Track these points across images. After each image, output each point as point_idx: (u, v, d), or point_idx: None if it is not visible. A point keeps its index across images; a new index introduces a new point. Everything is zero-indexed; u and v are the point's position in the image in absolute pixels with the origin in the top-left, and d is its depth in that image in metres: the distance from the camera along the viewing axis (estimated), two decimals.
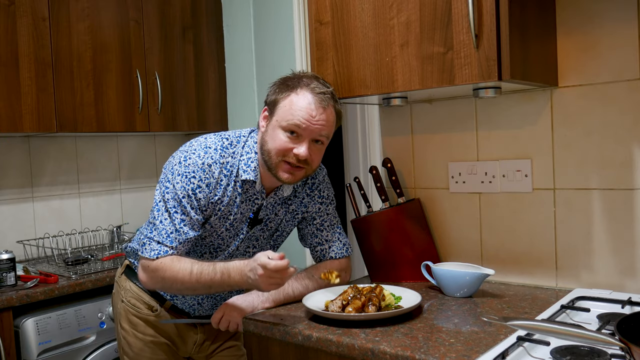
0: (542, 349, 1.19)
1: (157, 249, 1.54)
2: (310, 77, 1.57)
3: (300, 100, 1.51)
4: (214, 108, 3.07)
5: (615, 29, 1.56)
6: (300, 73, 1.60)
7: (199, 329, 1.79)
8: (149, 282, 1.59)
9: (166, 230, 1.54)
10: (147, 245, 1.56)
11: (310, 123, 1.49)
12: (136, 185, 3.14)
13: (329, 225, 1.71)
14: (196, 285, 1.51)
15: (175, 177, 1.55)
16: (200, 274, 1.49)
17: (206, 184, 1.55)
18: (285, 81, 1.57)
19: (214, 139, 1.60)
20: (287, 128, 1.50)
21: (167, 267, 1.52)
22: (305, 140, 1.51)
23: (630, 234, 1.58)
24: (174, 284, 1.53)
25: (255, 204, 1.63)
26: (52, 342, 2.13)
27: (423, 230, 1.89)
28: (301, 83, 1.53)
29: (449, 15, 1.47)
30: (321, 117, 1.51)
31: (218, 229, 1.62)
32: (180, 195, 1.54)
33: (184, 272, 1.50)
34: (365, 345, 1.27)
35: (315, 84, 1.53)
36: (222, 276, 1.48)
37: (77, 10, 2.51)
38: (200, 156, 1.55)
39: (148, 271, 1.57)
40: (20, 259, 2.56)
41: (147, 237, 1.57)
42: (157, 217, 1.56)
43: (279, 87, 1.56)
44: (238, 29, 3.02)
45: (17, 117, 2.32)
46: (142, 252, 1.57)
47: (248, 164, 1.59)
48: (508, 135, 1.76)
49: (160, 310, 1.74)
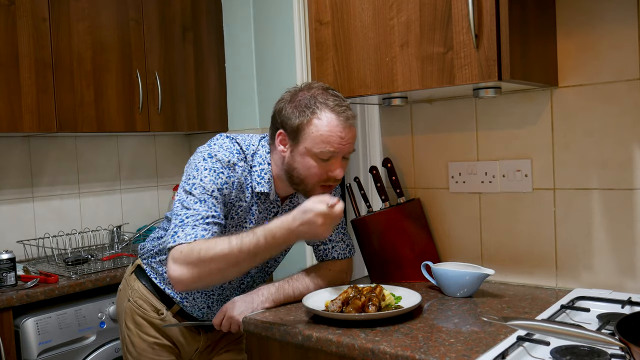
0: (542, 349, 1.19)
1: (193, 233, 1.42)
2: (322, 91, 1.52)
3: (325, 125, 1.47)
4: (214, 108, 3.07)
5: (615, 29, 1.56)
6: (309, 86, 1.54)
7: (202, 336, 1.78)
8: (185, 273, 1.40)
9: (201, 215, 1.45)
10: (181, 232, 1.44)
11: (342, 146, 1.49)
12: (136, 185, 3.14)
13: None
14: (239, 257, 1.39)
15: (201, 172, 1.50)
16: (240, 243, 1.39)
17: (232, 181, 1.53)
18: (297, 100, 1.51)
19: (229, 143, 1.57)
20: (321, 156, 1.48)
21: (203, 246, 1.39)
22: (338, 161, 1.51)
23: (630, 233, 1.58)
24: (212, 262, 1.38)
25: (271, 212, 1.63)
26: (52, 342, 2.13)
27: (423, 230, 1.89)
28: (317, 102, 1.49)
29: (449, 15, 1.47)
30: (349, 137, 1.50)
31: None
32: (209, 189, 1.48)
33: (222, 245, 1.39)
34: (365, 345, 1.27)
35: (331, 99, 1.49)
36: (266, 240, 1.39)
37: (77, 10, 2.51)
38: (226, 155, 1.53)
39: (182, 258, 1.40)
40: (21, 259, 2.56)
41: (179, 225, 1.45)
42: (189, 207, 1.46)
43: (296, 110, 1.50)
44: (238, 29, 3.02)
45: (17, 117, 2.32)
46: (175, 240, 1.43)
47: (262, 175, 1.57)
48: (508, 135, 1.76)
49: (167, 314, 1.73)
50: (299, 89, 1.55)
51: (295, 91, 1.55)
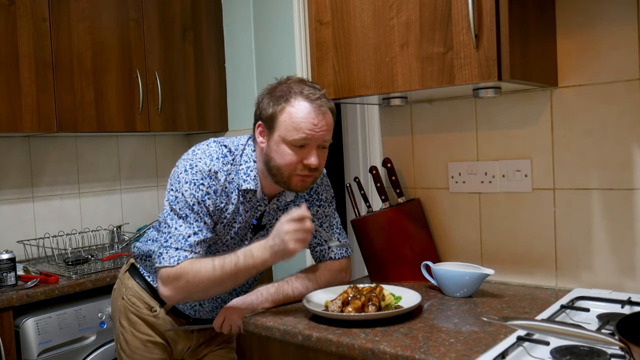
0: (542, 348, 1.19)
1: (176, 255, 1.49)
2: (297, 81, 1.53)
3: (298, 111, 1.48)
4: (214, 108, 3.07)
5: (615, 29, 1.56)
6: (286, 79, 1.56)
7: (195, 334, 1.79)
8: (174, 293, 1.50)
9: (183, 235, 1.51)
10: (165, 254, 1.51)
11: (314, 132, 1.48)
12: (136, 185, 3.14)
13: (328, 227, 1.71)
14: (222, 277, 1.46)
15: (182, 185, 1.53)
16: (222, 265, 1.45)
17: (214, 190, 1.54)
18: (273, 92, 1.53)
19: (215, 147, 1.58)
20: (294, 143, 1.48)
21: (189, 270, 1.47)
22: (312, 149, 1.50)
23: (630, 234, 1.58)
24: (199, 285, 1.48)
25: (258, 211, 1.63)
26: (52, 342, 2.13)
27: (423, 230, 1.89)
28: (292, 91, 1.50)
29: (448, 16, 1.47)
30: (322, 124, 1.49)
31: (223, 237, 1.62)
32: (190, 203, 1.52)
33: (206, 268, 1.46)
34: (365, 345, 1.27)
35: (306, 89, 1.50)
36: (245, 258, 1.45)
37: (77, 10, 2.51)
38: (207, 164, 1.54)
39: (169, 281, 1.50)
40: (21, 259, 2.56)
41: (163, 246, 1.52)
42: (171, 225, 1.53)
43: (271, 100, 1.52)
44: (238, 29, 3.02)
45: (17, 117, 2.32)
46: (160, 262, 1.51)
47: (247, 173, 1.58)
48: (508, 135, 1.76)
49: (160, 312, 1.74)
50: (278, 82, 1.56)
51: (274, 84, 1.57)
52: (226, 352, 1.88)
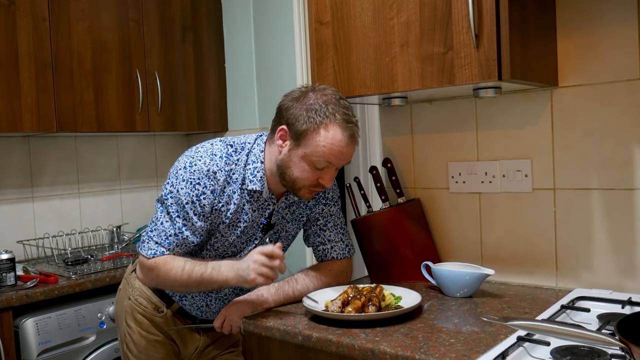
0: (542, 349, 1.19)
1: (154, 249, 1.57)
2: (335, 100, 1.49)
3: (330, 138, 1.45)
4: (214, 108, 3.07)
5: (615, 29, 1.56)
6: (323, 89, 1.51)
7: (202, 335, 1.79)
8: (145, 279, 1.65)
9: (165, 233, 1.56)
10: (146, 243, 1.59)
11: (340, 160, 1.50)
12: (136, 185, 3.14)
13: (333, 226, 1.72)
14: (187, 282, 1.54)
15: (179, 182, 1.54)
16: (191, 271, 1.53)
17: (211, 190, 1.54)
18: (310, 106, 1.47)
19: (220, 145, 1.58)
20: (317, 164, 1.48)
21: (161, 266, 1.56)
22: (331, 171, 1.52)
23: (630, 234, 1.58)
24: (166, 282, 1.58)
25: (267, 210, 1.63)
26: (52, 342, 2.13)
27: (423, 230, 1.89)
28: (327, 112, 1.46)
29: (449, 16, 1.47)
30: (349, 153, 1.50)
31: (229, 237, 1.62)
32: (183, 201, 1.53)
33: (177, 269, 1.54)
34: (365, 345, 1.27)
35: (341, 112, 1.47)
36: (212, 271, 1.52)
37: (77, 10, 2.51)
38: (206, 163, 1.54)
39: (143, 269, 1.61)
40: (20, 259, 2.56)
41: (147, 235, 1.60)
42: (158, 219, 1.59)
43: (305, 113, 1.47)
44: (238, 29, 3.02)
45: (17, 117, 2.32)
46: (140, 249, 1.61)
47: (254, 173, 1.57)
48: (508, 135, 1.76)
49: (167, 312, 1.73)
50: (311, 89, 1.52)
51: (306, 90, 1.52)
52: (234, 356, 1.88)
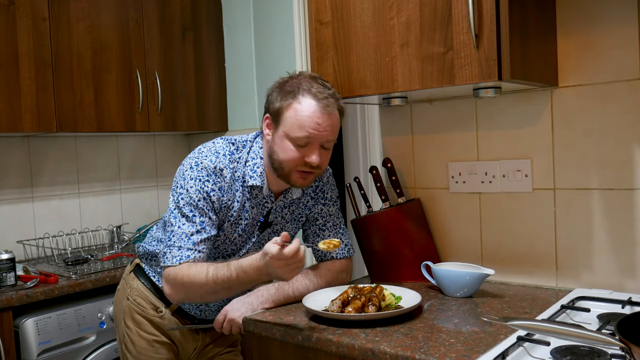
0: (542, 349, 1.19)
1: (179, 255, 1.51)
2: (309, 78, 1.53)
3: (304, 109, 1.48)
4: (214, 108, 3.07)
5: (615, 29, 1.56)
6: (298, 74, 1.57)
7: (201, 335, 1.79)
8: (174, 294, 1.54)
9: (186, 233, 1.52)
10: (168, 253, 1.53)
11: (318, 132, 1.48)
12: (136, 185, 3.14)
13: (332, 226, 1.72)
14: (215, 288, 1.47)
15: (188, 182, 1.54)
16: (216, 276, 1.46)
17: (219, 187, 1.55)
18: (284, 86, 1.53)
19: (222, 143, 1.59)
20: (296, 140, 1.49)
21: (185, 273, 1.49)
22: (314, 147, 1.51)
23: (630, 234, 1.58)
24: (194, 290, 1.49)
25: (265, 208, 1.63)
26: (52, 342, 2.13)
27: (423, 230, 1.89)
28: (301, 88, 1.50)
29: (449, 15, 1.47)
30: (327, 124, 1.49)
31: (231, 235, 1.62)
32: (195, 199, 1.53)
33: (200, 275, 1.47)
34: (365, 345, 1.27)
35: (315, 86, 1.50)
36: (238, 275, 1.44)
37: (77, 10, 2.51)
38: (212, 161, 1.55)
39: (169, 281, 1.52)
40: (20, 259, 2.56)
41: (167, 245, 1.54)
42: (174, 224, 1.54)
43: (280, 94, 1.52)
44: (238, 29, 3.02)
45: (17, 117, 2.32)
46: (164, 262, 1.53)
47: (254, 169, 1.58)
48: (508, 135, 1.76)
49: (165, 312, 1.74)
50: (289, 77, 1.57)
51: (285, 78, 1.57)
52: (233, 355, 1.88)
